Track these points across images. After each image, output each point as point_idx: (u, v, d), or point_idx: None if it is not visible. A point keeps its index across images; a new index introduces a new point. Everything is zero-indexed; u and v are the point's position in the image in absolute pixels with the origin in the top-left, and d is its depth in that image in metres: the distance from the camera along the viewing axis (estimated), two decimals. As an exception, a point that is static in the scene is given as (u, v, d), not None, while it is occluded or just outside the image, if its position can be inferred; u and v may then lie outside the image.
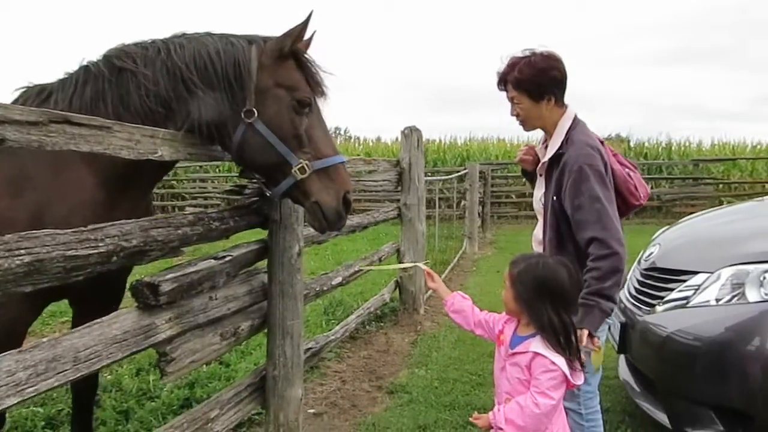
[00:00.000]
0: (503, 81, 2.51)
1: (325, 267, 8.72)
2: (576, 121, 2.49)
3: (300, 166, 2.29)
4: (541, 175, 2.61)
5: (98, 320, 1.97)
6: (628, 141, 20.06)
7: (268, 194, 2.70)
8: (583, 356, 2.09)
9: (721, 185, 17.13)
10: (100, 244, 1.90)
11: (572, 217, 2.35)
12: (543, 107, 2.46)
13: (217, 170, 19.24)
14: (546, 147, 2.59)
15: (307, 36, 2.36)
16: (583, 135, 2.44)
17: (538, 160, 2.66)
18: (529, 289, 2.04)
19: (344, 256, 9.58)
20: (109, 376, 4.06)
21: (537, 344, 2.00)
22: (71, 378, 1.78)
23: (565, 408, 2.49)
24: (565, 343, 1.99)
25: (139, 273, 2.54)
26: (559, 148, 2.43)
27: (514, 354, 2.07)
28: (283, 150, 2.29)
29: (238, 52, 2.30)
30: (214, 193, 17.87)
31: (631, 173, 2.58)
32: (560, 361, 1.97)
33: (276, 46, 2.32)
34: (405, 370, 4.55)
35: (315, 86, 2.39)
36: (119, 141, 1.95)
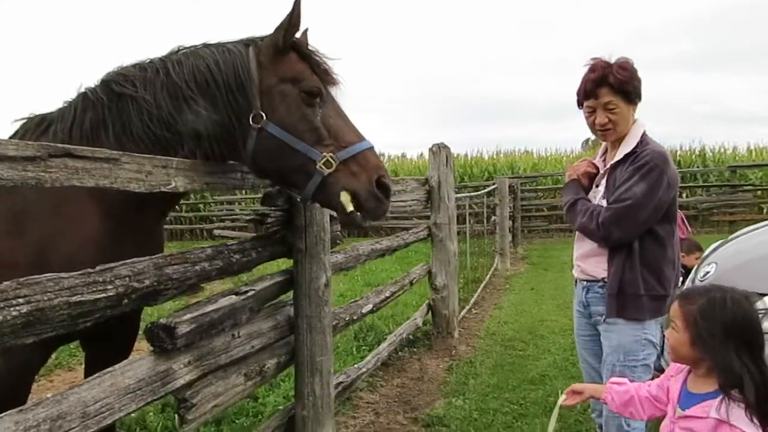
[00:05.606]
0: (600, 85, 2.40)
1: (354, 288, 8.55)
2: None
3: (324, 160, 2.08)
4: (597, 186, 2.57)
5: (109, 369, 1.81)
6: (661, 149, 19.51)
7: (298, 199, 2.53)
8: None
9: (760, 192, 16.52)
10: (109, 287, 1.74)
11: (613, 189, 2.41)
12: (632, 111, 2.45)
13: (244, 192, 19.24)
14: (605, 160, 2.59)
15: (302, 28, 2.18)
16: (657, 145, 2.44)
17: (596, 175, 2.62)
18: (717, 332, 1.62)
19: (373, 276, 9.38)
20: (134, 414, 3.89)
21: (720, 409, 1.59)
22: (78, 437, 1.60)
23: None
24: (765, 406, 1.54)
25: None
26: (633, 149, 2.41)
27: (687, 417, 1.69)
28: (301, 147, 2.09)
29: (236, 58, 2.13)
30: (242, 214, 17.85)
31: None
32: None
33: (272, 41, 2.15)
34: (441, 399, 4.30)
35: (323, 75, 2.20)
36: (128, 174, 1.79)
